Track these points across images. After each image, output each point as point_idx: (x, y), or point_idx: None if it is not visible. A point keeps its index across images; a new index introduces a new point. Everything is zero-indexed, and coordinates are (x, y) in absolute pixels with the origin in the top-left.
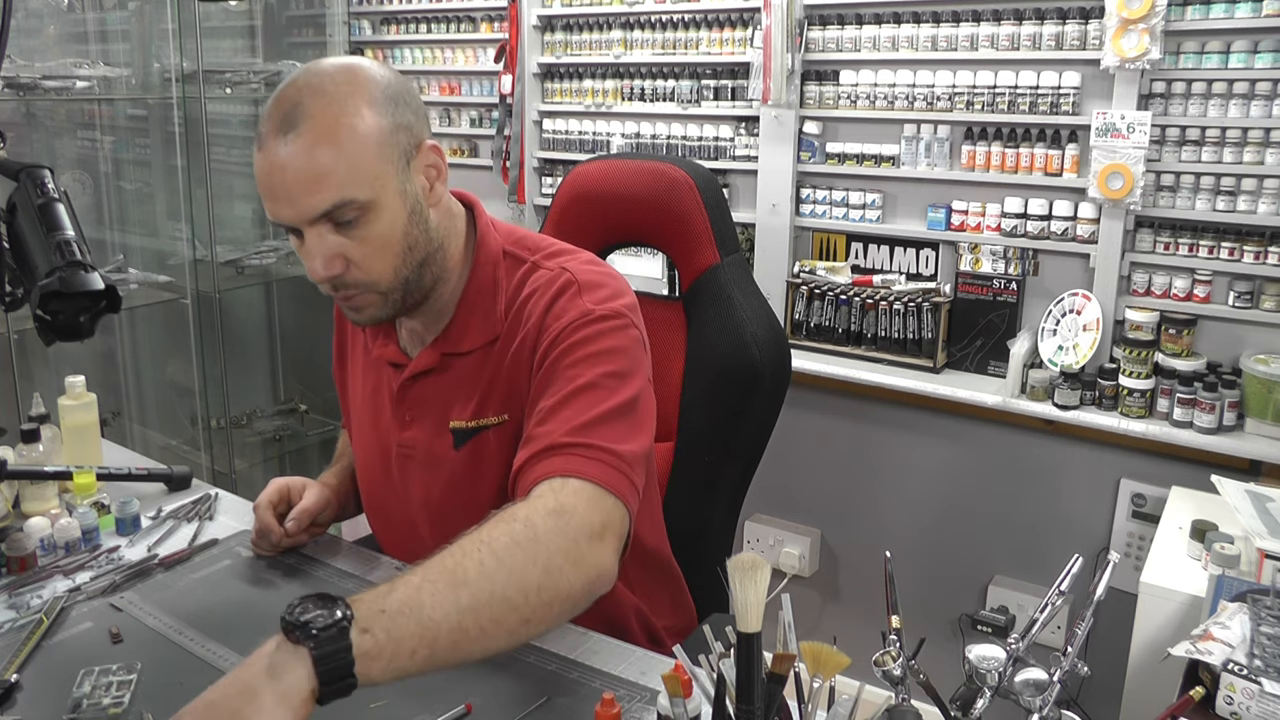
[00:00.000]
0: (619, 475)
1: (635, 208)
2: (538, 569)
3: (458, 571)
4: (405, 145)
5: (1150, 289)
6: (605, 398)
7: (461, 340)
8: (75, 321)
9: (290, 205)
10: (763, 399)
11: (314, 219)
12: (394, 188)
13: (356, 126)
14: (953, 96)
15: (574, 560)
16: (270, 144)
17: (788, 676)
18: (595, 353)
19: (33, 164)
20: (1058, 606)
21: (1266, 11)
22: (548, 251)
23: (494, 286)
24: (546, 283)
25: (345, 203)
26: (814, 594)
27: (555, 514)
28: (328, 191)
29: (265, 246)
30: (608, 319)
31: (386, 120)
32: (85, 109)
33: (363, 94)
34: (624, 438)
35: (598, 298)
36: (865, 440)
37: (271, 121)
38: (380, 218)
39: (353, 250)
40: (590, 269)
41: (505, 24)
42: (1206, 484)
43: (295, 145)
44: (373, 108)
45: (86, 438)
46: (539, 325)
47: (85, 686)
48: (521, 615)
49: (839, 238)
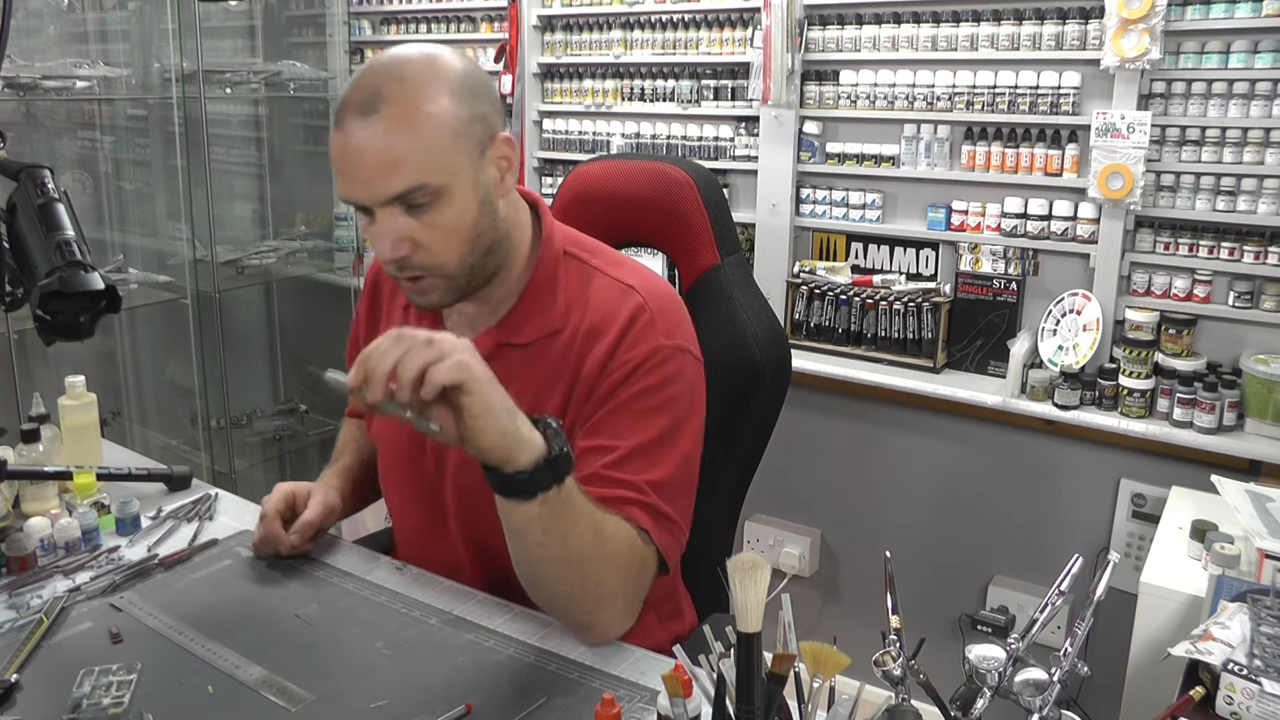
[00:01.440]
0: (676, 546)
1: (636, 208)
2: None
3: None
4: (480, 136)
5: (1150, 289)
6: (669, 449)
7: (519, 332)
8: (75, 321)
9: (365, 186)
10: (763, 399)
11: (387, 201)
12: (467, 176)
13: (434, 114)
14: (953, 96)
15: (621, 604)
16: (349, 126)
17: (788, 676)
18: (664, 400)
19: (33, 164)
20: (1058, 606)
21: (1266, 11)
22: (607, 258)
23: (554, 283)
24: (617, 301)
25: (419, 187)
26: (814, 594)
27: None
28: (403, 175)
29: (265, 246)
30: (677, 354)
31: (464, 110)
32: (85, 109)
33: (442, 83)
34: (683, 495)
35: (667, 328)
36: (865, 440)
37: (351, 104)
38: (452, 204)
39: (422, 234)
40: (658, 292)
41: (505, 24)
42: (1206, 484)
43: (374, 129)
44: (452, 97)
45: (86, 438)
46: (611, 349)
47: (85, 686)
48: (579, 595)
49: (839, 238)
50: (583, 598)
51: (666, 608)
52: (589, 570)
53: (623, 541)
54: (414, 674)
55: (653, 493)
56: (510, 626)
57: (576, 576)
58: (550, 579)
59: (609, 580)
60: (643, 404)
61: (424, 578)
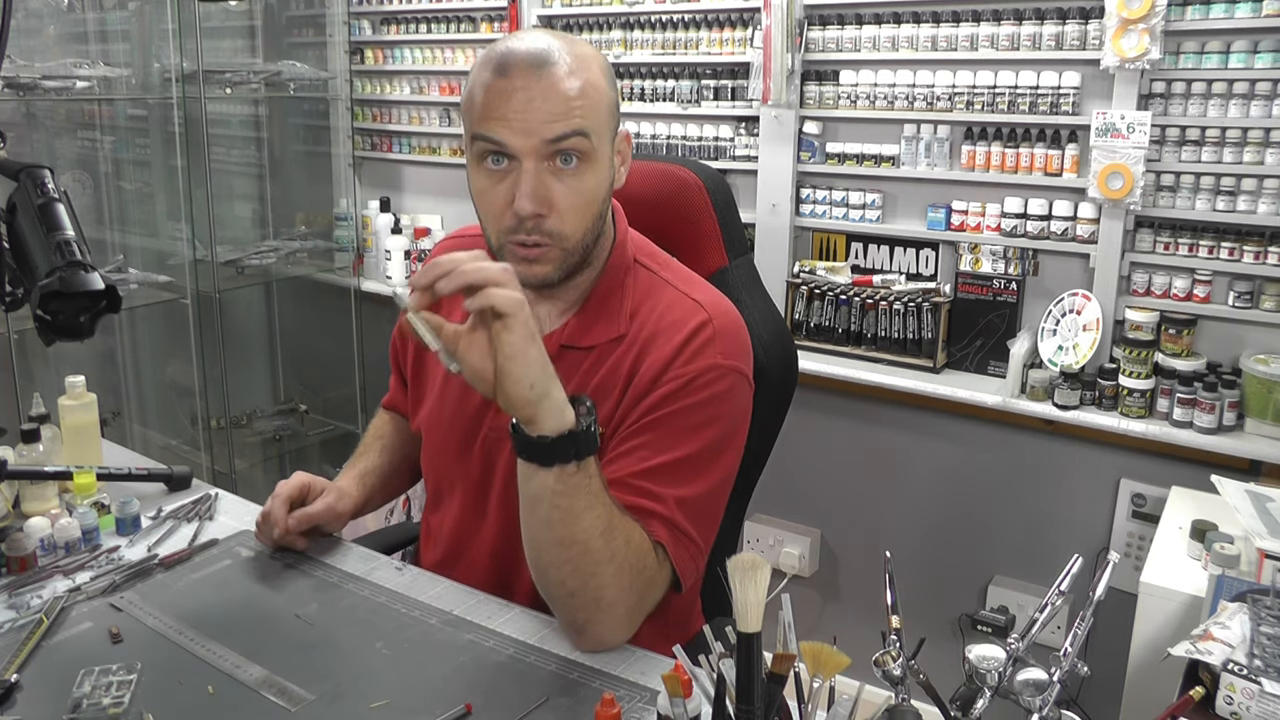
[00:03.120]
0: (693, 567)
1: (644, 209)
2: (618, 594)
3: (615, 526)
4: (617, 121)
5: (1150, 289)
6: (705, 469)
7: (584, 336)
8: (75, 321)
9: (526, 130)
10: (769, 402)
11: (546, 143)
12: (607, 152)
13: (596, 82)
14: (953, 96)
15: (621, 614)
16: (516, 72)
17: (788, 676)
18: (710, 419)
19: (33, 164)
20: (1058, 606)
21: (1266, 11)
22: (676, 273)
23: (622, 290)
24: (682, 315)
25: (583, 132)
26: (814, 594)
27: (647, 578)
28: (573, 119)
29: (265, 246)
30: (731, 374)
31: (612, 92)
32: (85, 109)
33: (596, 62)
34: (709, 518)
35: (726, 348)
36: (865, 440)
37: (517, 54)
38: (595, 169)
39: (561, 196)
40: (723, 312)
41: (505, 24)
42: (1206, 484)
43: (549, 77)
44: (605, 76)
45: (86, 438)
46: (668, 361)
47: (85, 686)
48: (578, 590)
49: (839, 238)
50: (582, 596)
51: (681, 630)
52: (593, 568)
53: (634, 549)
54: (414, 674)
55: (678, 509)
56: (510, 626)
57: (579, 570)
58: (553, 564)
59: (612, 586)
60: (688, 420)
61: (424, 578)
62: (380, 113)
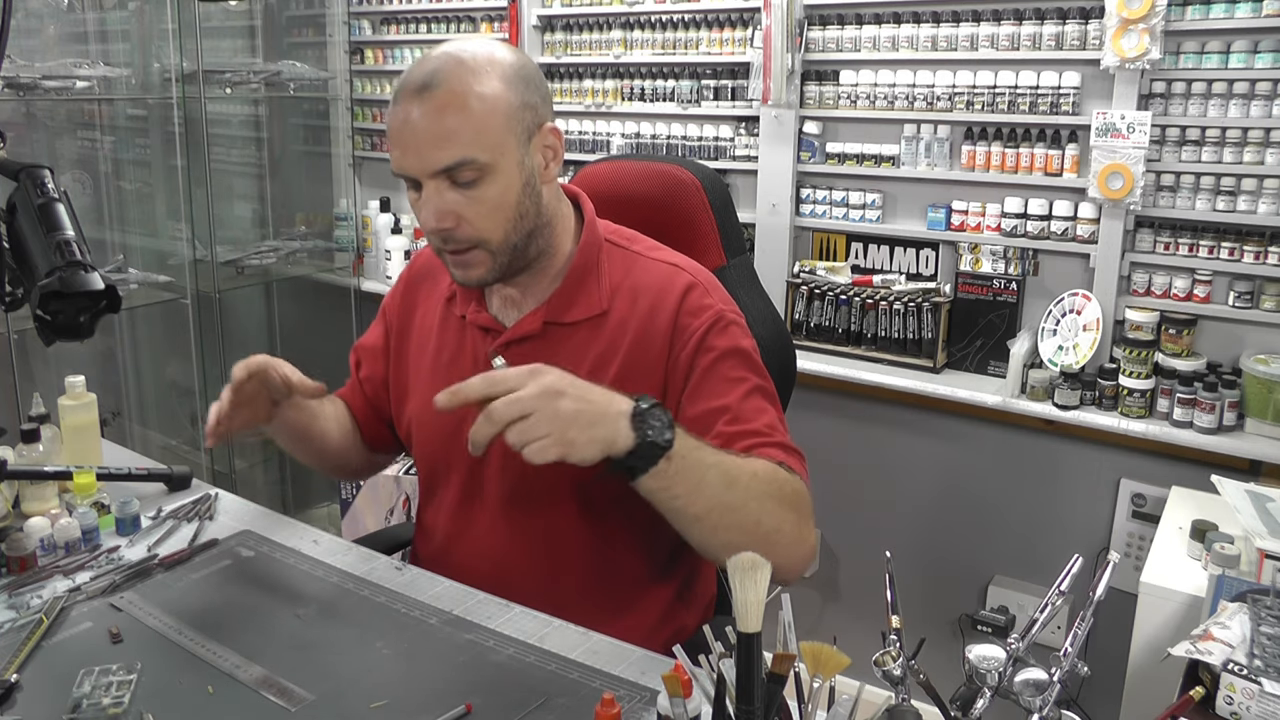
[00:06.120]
0: (806, 473)
1: (642, 209)
2: (776, 521)
3: (734, 473)
4: (529, 122)
5: (1150, 289)
6: (764, 396)
7: (565, 311)
8: (75, 321)
9: (417, 158)
10: None
11: (435, 173)
12: (513, 157)
13: (486, 96)
14: (953, 96)
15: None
16: (406, 102)
17: (788, 676)
18: (742, 358)
19: (33, 164)
20: (1058, 606)
21: (1266, 11)
22: (647, 244)
23: (597, 268)
24: (665, 279)
25: (466, 162)
26: (814, 594)
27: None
28: (452, 149)
29: (265, 246)
30: (735, 320)
31: (515, 97)
32: (85, 109)
33: (497, 70)
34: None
35: (722, 298)
36: (865, 440)
37: (411, 82)
38: (496, 181)
39: (466, 208)
40: (701, 270)
41: (505, 24)
42: (1206, 484)
43: (429, 105)
44: (504, 83)
45: (86, 438)
46: (672, 322)
47: (85, 686)
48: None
49: (839, 238)
50: (752, 543)
51: (692, 590)
52: (742, 515)
53: (763, 478)
54: (414, 674)
55: (774, 433)
56: (510, 626)
57: (735, 525)
58: (710, 535)
59: (766, 518)
60: (725, 366)
61: (424, 578)
62: (380, 113)
